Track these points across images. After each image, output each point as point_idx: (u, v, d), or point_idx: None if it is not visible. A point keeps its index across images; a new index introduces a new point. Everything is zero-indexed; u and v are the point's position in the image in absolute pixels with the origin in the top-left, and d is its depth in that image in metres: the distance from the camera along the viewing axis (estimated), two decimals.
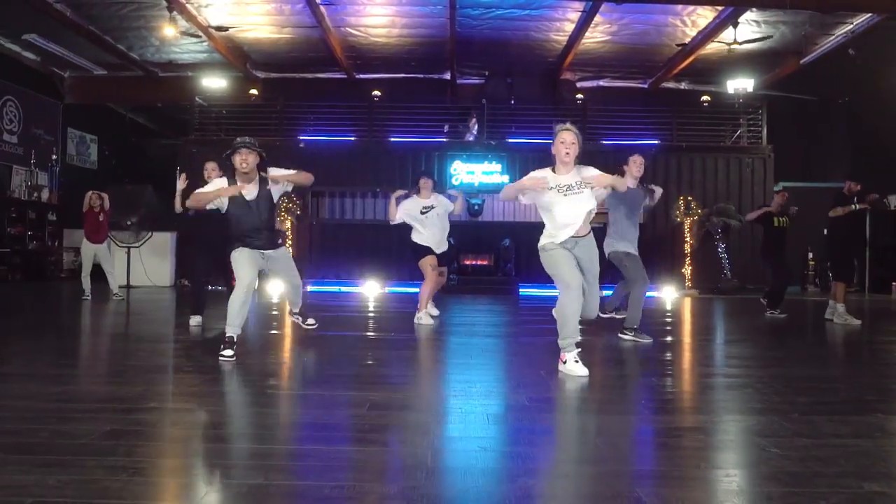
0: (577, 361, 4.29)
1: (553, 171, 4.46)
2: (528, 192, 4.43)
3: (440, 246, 6.98)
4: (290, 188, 5.16)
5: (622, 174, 5.72)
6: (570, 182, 4.38)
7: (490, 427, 3.05)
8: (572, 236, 4.41)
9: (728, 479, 2.41)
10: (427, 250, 6.92)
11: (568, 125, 4.44)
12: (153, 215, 12.78)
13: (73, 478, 2.26)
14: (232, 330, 4.74)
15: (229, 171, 4.97)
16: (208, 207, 5.09)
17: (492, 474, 2.41)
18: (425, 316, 6.96)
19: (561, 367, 4.33)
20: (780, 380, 4.25)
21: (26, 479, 2.23)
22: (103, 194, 10.06)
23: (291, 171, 5.12)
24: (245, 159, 4.79)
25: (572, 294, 4.32)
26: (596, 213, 4.61)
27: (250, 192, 4.88)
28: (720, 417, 3.35)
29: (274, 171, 5.06)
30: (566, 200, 4.37)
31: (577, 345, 4.33)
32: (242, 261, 4.90)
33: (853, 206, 7.65)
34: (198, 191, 5.06)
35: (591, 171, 4.44)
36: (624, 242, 5.85)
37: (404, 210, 6.93)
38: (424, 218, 6.86)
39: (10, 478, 2.26)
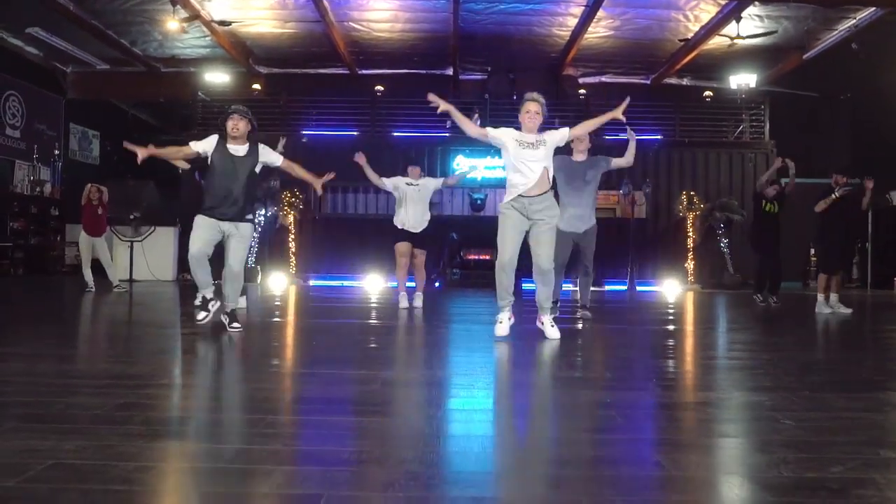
0: (500, 323, 4.96)
1: (518, 130, 4.97)
2: (463, 123, 5.11)
3: (418, 226, 7.28)
4: (279, 161, 5.22)
5: (570, 153, 6.18)
6: (531, 140, 4.88)
7: (503, 401, 3.05)
8: (530, 195, 4.81)
9: (743, 446, 2.42)
10: (402, 234, 7.25)
11: (535, 95, 4.98)
12: (155, 210, 12.79)
13: (90, 443, 2.25)
14: (204, 291, 5.09)
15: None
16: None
17: (508, 441, 2.42)
18: (402, 298, 7.36)
19: None
20: (788, 362, 4.26)
21: (43, 445, 2.23)
22: (102, 188, 10.06)
23: (295, 165, 5.32)
24: (236, 125, 4.98)
25: (502, 266, 4.89)
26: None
27: (238, 150, 5.01)
28: (730, 394, 3.35)
29: (281, 159, 5.21)
30: (524, 153, 4.85)
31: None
32: (197, 230, 4.96)
33: (833, 195, 7.64)
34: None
35: (556, 136, 5.01)
36: (565, 215, 5.92)
37: (391, 181, 7.31)
38: (408, 189, 7.21)
39: (26, 443, 2.25)
